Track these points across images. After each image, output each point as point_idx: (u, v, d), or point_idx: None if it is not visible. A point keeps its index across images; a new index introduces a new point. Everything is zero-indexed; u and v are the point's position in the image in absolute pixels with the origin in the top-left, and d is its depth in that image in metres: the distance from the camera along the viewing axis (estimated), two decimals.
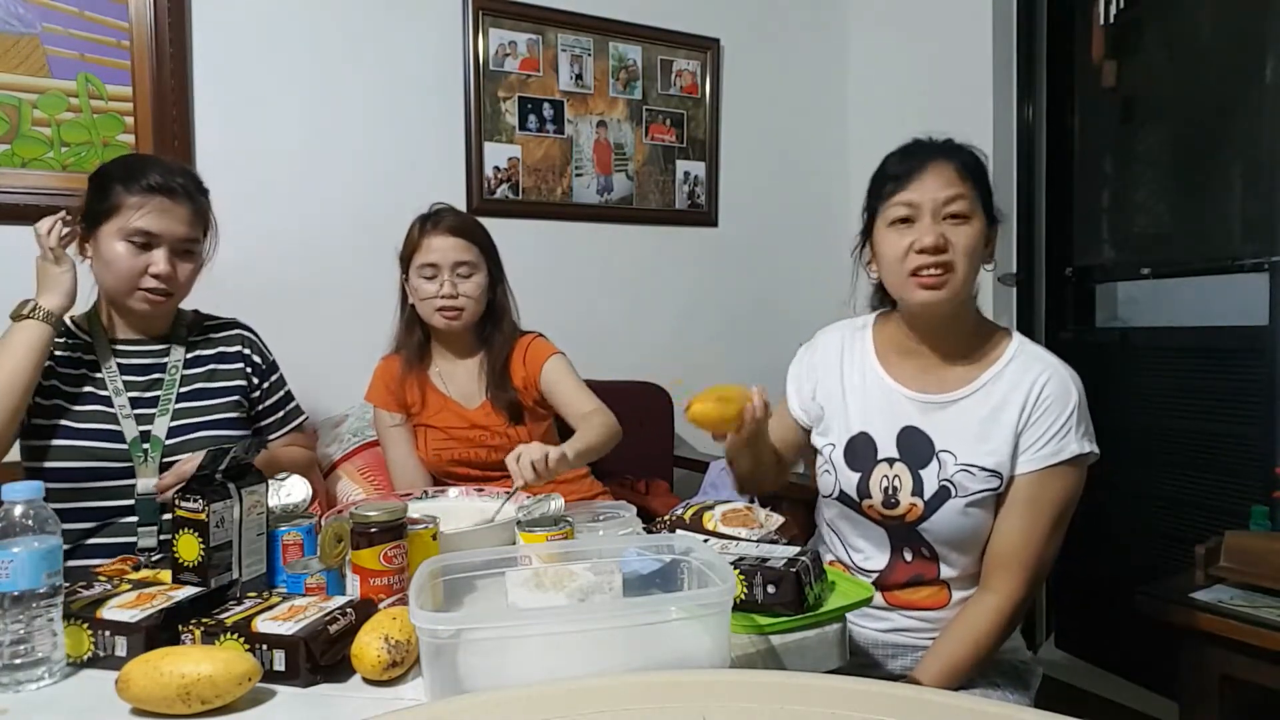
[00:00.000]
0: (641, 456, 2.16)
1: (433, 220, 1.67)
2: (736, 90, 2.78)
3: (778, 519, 1.20)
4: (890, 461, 1.22)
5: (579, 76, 2.50)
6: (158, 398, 1.40)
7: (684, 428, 2.52)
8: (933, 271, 1.14)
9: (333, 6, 2.16)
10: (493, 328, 1.71)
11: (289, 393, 1.59)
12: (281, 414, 1.57)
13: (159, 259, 1.33)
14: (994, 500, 1.18)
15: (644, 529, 1.22)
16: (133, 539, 1.31)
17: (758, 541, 1.11)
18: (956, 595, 1.22)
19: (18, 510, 0.83)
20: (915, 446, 1.21)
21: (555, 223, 2.49)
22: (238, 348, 1.51)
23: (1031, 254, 2.58)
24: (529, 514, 1.16)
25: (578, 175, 2.52)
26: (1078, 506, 1.19)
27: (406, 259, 1.68)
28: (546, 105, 2.45)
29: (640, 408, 1.71)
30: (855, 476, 1.24)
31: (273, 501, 1.13)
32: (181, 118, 1.97)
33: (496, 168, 2.38)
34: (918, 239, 1.14)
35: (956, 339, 1.22)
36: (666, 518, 1.27)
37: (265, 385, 1.54)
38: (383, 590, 0.95)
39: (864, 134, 2.92)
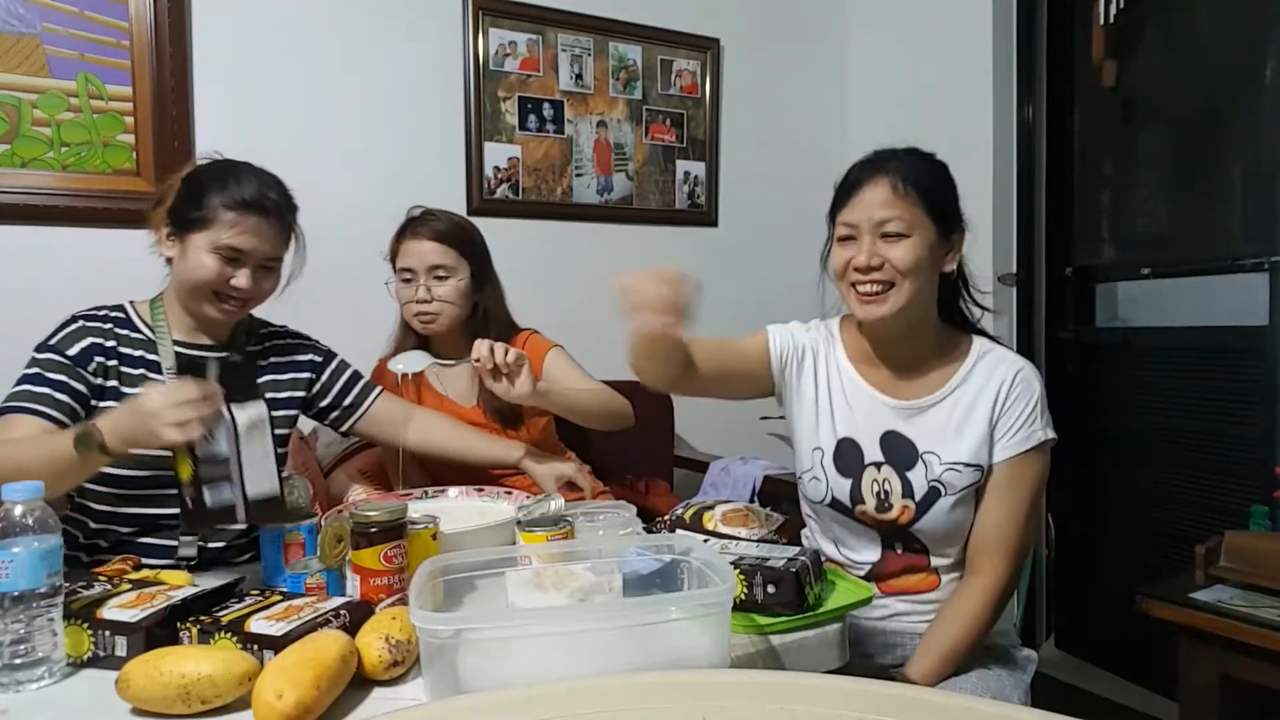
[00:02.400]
0: (641, 456, 2.16)
1: (412, 225, 1.68)
2: (736, 90, 2.78)
3: (778, 519, 1.20)
4: (878, 465, 1.26)
5: (579, 76, 2.50)
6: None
7: (684, 428, 2.52)
8: (869, 288, 1.19)
9: (333, 7, 2.16)
10: (481, 330, 1.71)
11: (356, 372, 1.55)
12: (357, 390, 1.52)
13: (243, 275, 1.32)
14: (975, 493, 1.24)
15: (644, 529, 1.22)
16: (174, 543, 1.30)
17: (758, 541, 1.11)
18: (946, 578, 1.27)
19: (18, 510, 0.83)
20: (900, 450, 1.25)
21: (555, 223, 2.49)
22: (293, 356, 1.48)
23: (1031, 254, 2.58)
24: (529, 514, 1.16)
25: (578, 175, 2.52)
26: (1077, 506, 1.21)
27: (392, 262, 1.71)
28: (546, 105, 2.45)
29: (640, 408, 1.70)
30: (847, 483, 1.27)
31: None
32: (181, 118, 1.97)
33: (496, 168, 2.38)
34: (855, 256, 1.19)
35: (915, 350, 1.27)
36: (666, 518, 1.27)
37: (327, 373, 1.51)
38: (383, 590, 0.95)
39: (864, 134, 2.92)
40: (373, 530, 0.95)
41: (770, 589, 0.95)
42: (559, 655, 0.79)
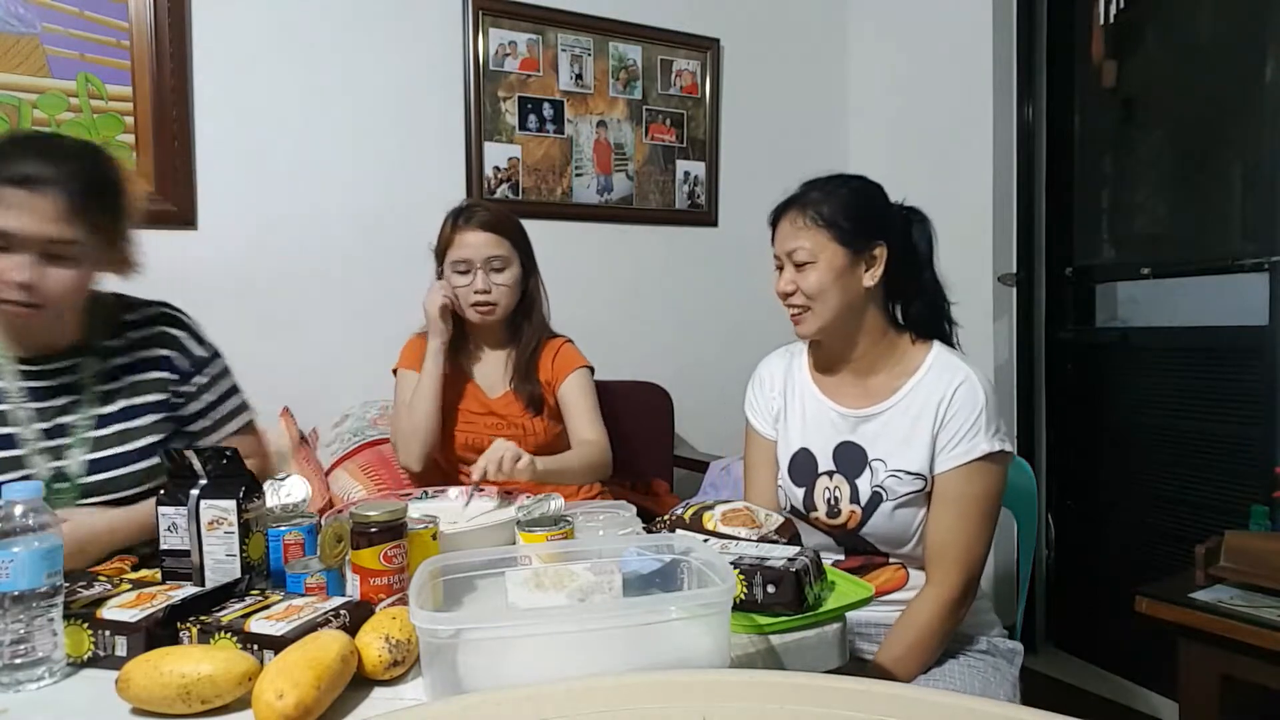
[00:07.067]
0: (641, 456, 2.16)
1: (465, 215, 1.69)
2: (736, 90, 2.78)
3: (778, 519, 1.20)
4: (830, 474, 1.33)
5: (579, 76, 2.50)
6: (71, 426, 1.19)
7: (684, 428, 2.52)
8: (792, 310, 1.33)
9: (332, 7, 2.16)
10: (523, 319, 1.74)
11: (227, 391, 1.35)
12: (212, 419, 1.33)
13: (16, 265, 1.08)
14: (922, 499, 1.27)
15: (644, 529, 1.22)
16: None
17: (758, 541, 1.11)
18: (914, 575, 1.30)
19: (18, 510, 0.83)
20: (851, 458, 1.32)
21: (555, 223, 2.49)
22: (155, 350, 1.27)
23: (1031, 254, 2.58)
24: (529, 514, 1.16)
25: (578, 175, 2.52)
26: (1077, 506, 1.21)
27: (441, 254, 1.71)
28: (546, 105, 2.45)
29: (640, 408, 1.71)
30: (800, 491, 1.35)
31: (271, 501, 1.12)
32: (181, 118, 1.97)
33: (496, 168, 2.38)
34: (778, 285, 1.34)
35: (862, 356, 1.33)
36: (666, 518, 1.26)
37: (190, 388, 1.30)
38: (383, 590, 0.95)
39: (864, 133, 2.92)
40: (373, 530, 0.95)
41: (770, 589, 0.95)
42: (559, 655, 0.78)
